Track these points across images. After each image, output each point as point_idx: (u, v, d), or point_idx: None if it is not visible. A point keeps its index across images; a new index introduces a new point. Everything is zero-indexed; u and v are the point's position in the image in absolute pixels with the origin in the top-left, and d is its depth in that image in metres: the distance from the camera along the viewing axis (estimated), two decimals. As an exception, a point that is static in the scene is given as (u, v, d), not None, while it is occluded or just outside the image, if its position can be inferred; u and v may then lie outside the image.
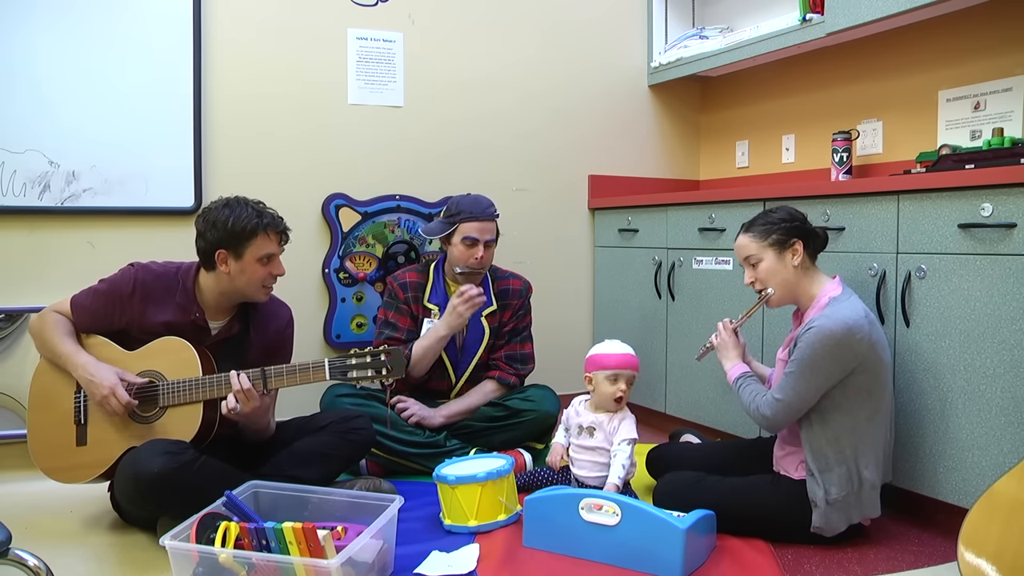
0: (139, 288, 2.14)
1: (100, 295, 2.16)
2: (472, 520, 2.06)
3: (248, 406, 2.04)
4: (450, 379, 2.69)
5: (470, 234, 2.59)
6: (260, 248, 2.12)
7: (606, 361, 2.25)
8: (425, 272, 2.74)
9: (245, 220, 2.09)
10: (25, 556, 1.31)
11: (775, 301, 2.07)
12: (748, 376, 2.10)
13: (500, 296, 2.73)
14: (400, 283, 2.71)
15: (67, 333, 2.13)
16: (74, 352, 2.09)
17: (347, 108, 3.09)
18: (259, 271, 2.13)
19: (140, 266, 2.20)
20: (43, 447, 2.14)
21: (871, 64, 2.88)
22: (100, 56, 2.73)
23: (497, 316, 2.72)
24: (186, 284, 2.17)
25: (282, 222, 2.19)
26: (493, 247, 2.67)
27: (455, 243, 2.62)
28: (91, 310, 2.15)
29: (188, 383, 2.07)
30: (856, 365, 1.91)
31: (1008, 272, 1.87)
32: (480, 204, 2.63)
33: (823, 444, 1.94)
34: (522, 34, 3.36)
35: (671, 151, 3.69)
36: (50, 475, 2.13)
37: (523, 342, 2.76)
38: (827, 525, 1.93)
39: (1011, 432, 1.87)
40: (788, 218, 2.05)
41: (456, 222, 2.61)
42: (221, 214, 2.11)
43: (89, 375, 2.05)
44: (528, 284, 2.81)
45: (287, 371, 2.07)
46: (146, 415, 2.09)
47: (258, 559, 1.60)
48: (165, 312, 2.14)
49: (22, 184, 2.66)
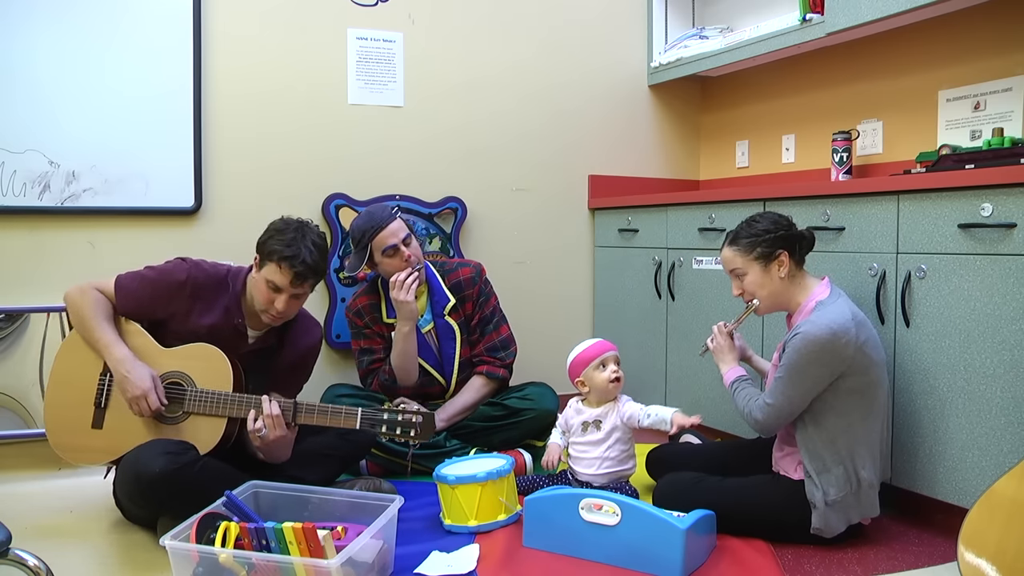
0: (190, 283, 2.13)
1: (148, 283, 2.13)
2: (472, 520, 2.06)
3: (274, 433, 2.03)
4: (441, 384, 2.68)
5: (386, 244, 2.52)
6: (270, 273, 2.09)
7: (586, 355, 2.30)
8: (375, 291, 2.69)
9: (276, 242, 2.08)
10: (25, 556, 1.31)
11: (763, 310, 2.09)
12: (743, 379, 2.11)
13: (454, 290, 2.68)
14: (354, 311, 2.68)
15: (107, 317, 2.10)
16: (113, 342, 2.07)
17: (347, 108, 3.09)
18: (264, 293, 2.11)
19: (192, 262, 2.18)
20: (57, 422, 2.12)
21: (871, 64, 2.88)
22: (100, 56, 2.73)
23: (459, 311, 2.68)
24: (235, 288, 2.16)
25: (306, 269, 2.07)
26: (413, 240, 2.59)
27: (380, 260, 2.56)
28: (137, 296, 2.12)
29: (218, 396, 2.06)
30: (845, 368, 1.91)
31: (1008, 272, 1.87)
32: (376, 215, 2.56)
33: (819, 446, 1.94)
34: (522, 34, 3.35)
35: (671, 151, 3.69)
36: (59, 451, 2.11)
37: (497, 327, 2.71)
38: (826, 526, 1.93)
39: (1011, 432, 1.87)
40: (772, 228, 2.03)
41: (367, 243, 2.54)
42: (277, 225, 2.13)
43: (126, 371, 2.02)
44: (479, 267, 2.75)
45: (319, 410, 2.07)
46: (169, 416, 2.08)
47: (258, 559, 1.60)
48: (211, 313, 2.14)
49: (22, 184, 2.66)
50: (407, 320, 2.53)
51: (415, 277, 2.52)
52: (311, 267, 2.08)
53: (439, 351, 2.67)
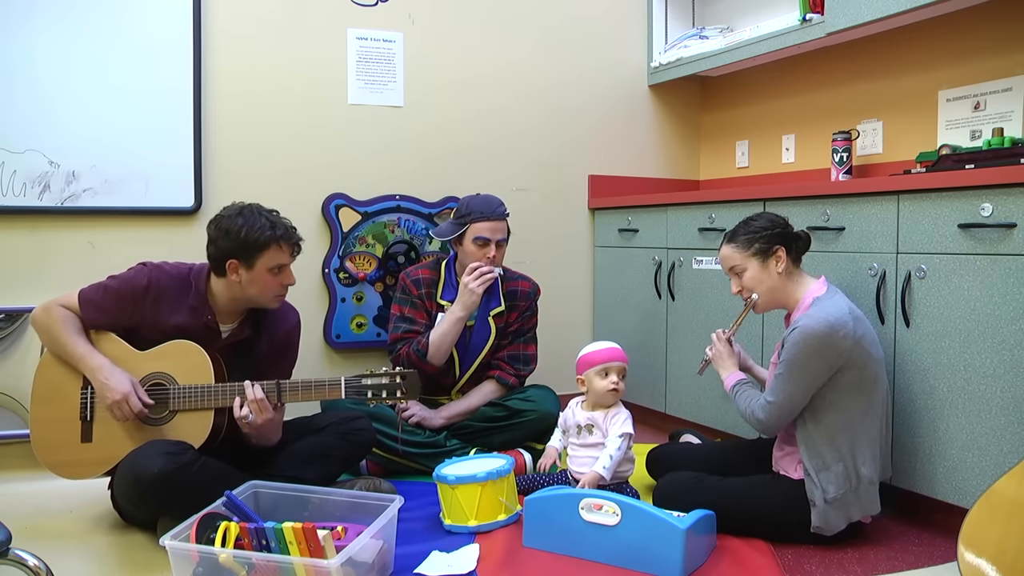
0: (153, 288, 2.13)
1: (111, 292, 2.13)
2: (472, 520, 2.06)
3: (261, 417, 2.03)
4: (454, 374, 2.70)
5: (482, 234, 2.60)
6: (272, 259, 2.10)
7: (593, 357, 2.29)
8: (436, 269, 2.75)
9: (258, 231, 2.07)
10: (25, 556, 1.31)
11: (761, 307, 2.09)
12: (744, 383, 2.12)
13: (508, 297, 2.73)
14: (413, 279, 2.72)
15: (78, 331, 2.10)
16: (88, 353, 2.06)
17: (347, 108, 3.09)
18: (270, 281, 2.12)
19: (153, 266, 2.18)
20: (46, 441, 2.11)
21: (871, 64, 2.88)
22: (100, 56, 2.73)
23: (504, 317, 2.72)
24: (199, 287, 2.15)
25: (295, 233, 2.17)
26: (504, 246, 2.68)
27: (467, 243, 2.62)
28: (101, 307, 2.12)
29: (201, 389, 2.06)
30: (843, 363, 1.92)
31: (1008, 272, 1.87)
32: (491, 204, 2.64)
33: (818, 443, 1.94)
34: (522, 34, 3.35)
35: (671, 151, 3.69)
36: (53, 470, 2.11)
37: (527, 343, 2.76)
38: (826, 524, 1.93)
39: (1011, 432, 1.87)
40: (769, 225, 2.06)
41: (467, 222, 2.61)
42: (235, 223, 2.08)
43: (104, 378, 2.02)
44: (537, 287, 2.82)
45: (303, 386, 2.07)
46: (155, 418, 2.08)
47: (258, 559, 1.60)
48: (177, 314, 2.13)
49: (22, 184, 2.66)
50: (465, 308, 2.57)
51: (494, 275, 2.59)
52: (295, 230, 2.16)
53: (467, 346, 2.69)
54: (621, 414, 2.25)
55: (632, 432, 2.21)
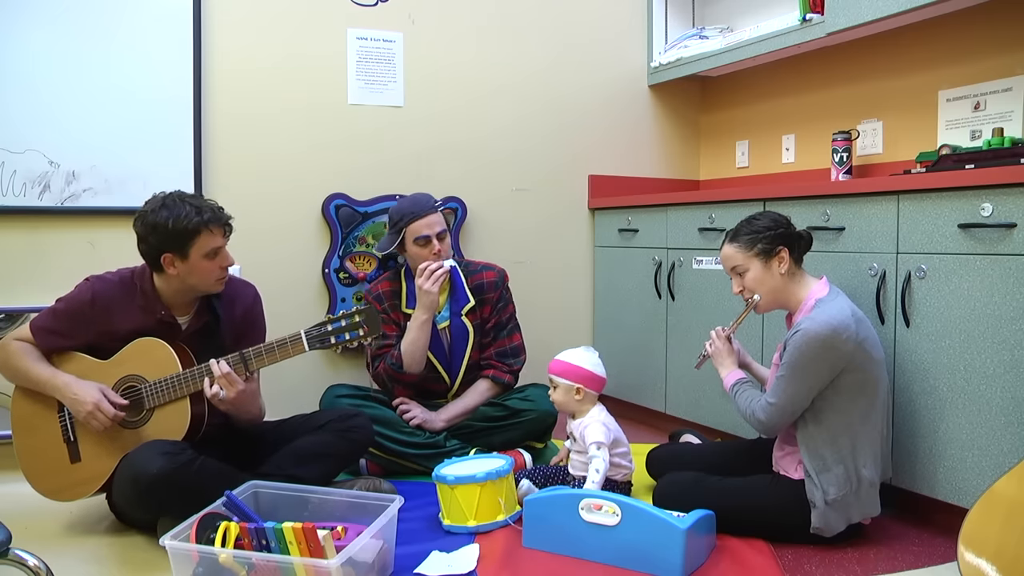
0: (98, 300, 2.11)
1: (61, 314, 2.13)
2: (471, 520, 2.06)
3: (232, 391, 2.03)
4: (445, 382, 2.69)
5: (420, 233, 2.58)
6: (205, 245, 2.07)
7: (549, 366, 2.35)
8: (397, 279, 2.74)
9: (186, 220, 2.03)
10: (25, 556, 1.31)
11: (763, 307, 2.09)
12: (743, 382, 2.12)
13: (476, 291, 2.71)
14: (375, 295, 2.71)
15: (37, 359, 2.11)
16: (52, 375, 2.07)
17: (347, 108, 3.09)
18: (208, 267, 2.09)
19: (95, 278, 2.17)
20: (38, 471, 2.13)
21: (871, 64, 2.88)
22: (100, 56, 2.73)
23: (477, 312, 2.70)
24: (144, 286, 2.14)
25: (223, 213, 2.12)
26: (447, 237, 2.65)
27: (410, 248, 2.61)
28: (56, 330, 2.12)
29: (170, 380, 2.06)
30: (845, 365, 1.91)
31: (1008, 272, 1.87)
32: (419, 202, 2.63)
33: (819, 444, 1.94)
34: (522, 34, 3.35)
35: (671, 151, 3.69)
36: (50, 497, 2.12)
37: (510, 334, 2.74)
38: (826, 525, 1.93)
39: (1011, 432, 1.87)
40: (772, 225, 2.04)
41: (402, 227, 2.60)
42: (160, 216, 2.04)
43: (72, 394, 2.03)
44: (503, 273, 2.78)
45: (266, 350, 2.07)
46: (134, 420, 2.08)
47: (258, 559, 1.60)
48: (130, 318, 2.12)
49: (22, 184, 2.66)
50: (426, 309, 2.56)
51: (444, 271, 2.56)
52: (222, 210, 2.12)
53: (450, 349, 2.68)
54: (589, 423, 2.23)
55: (601, 440, 2.17)
